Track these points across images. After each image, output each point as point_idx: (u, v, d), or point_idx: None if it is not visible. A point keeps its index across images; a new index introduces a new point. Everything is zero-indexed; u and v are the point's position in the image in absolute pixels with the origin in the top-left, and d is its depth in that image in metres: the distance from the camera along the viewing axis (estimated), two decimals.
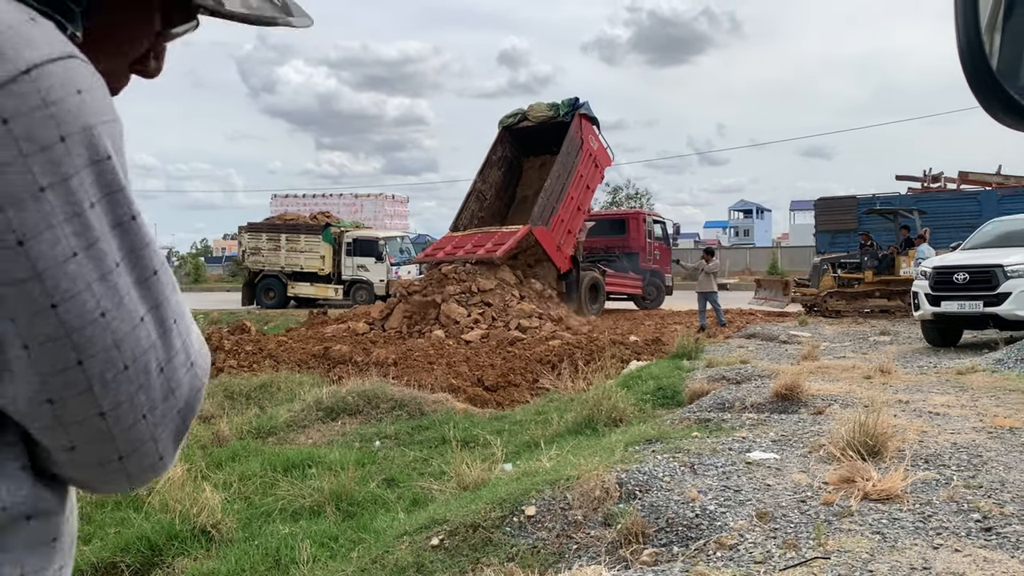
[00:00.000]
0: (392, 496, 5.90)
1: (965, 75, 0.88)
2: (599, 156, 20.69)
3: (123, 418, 0.71)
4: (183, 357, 0.75)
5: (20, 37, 0.63)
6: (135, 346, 0.70)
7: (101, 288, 0.68)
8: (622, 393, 7.92)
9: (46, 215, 0.64)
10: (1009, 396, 7.16)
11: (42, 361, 0.66)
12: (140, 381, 0.71)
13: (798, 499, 4.29)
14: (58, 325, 0.66)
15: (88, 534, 5.42)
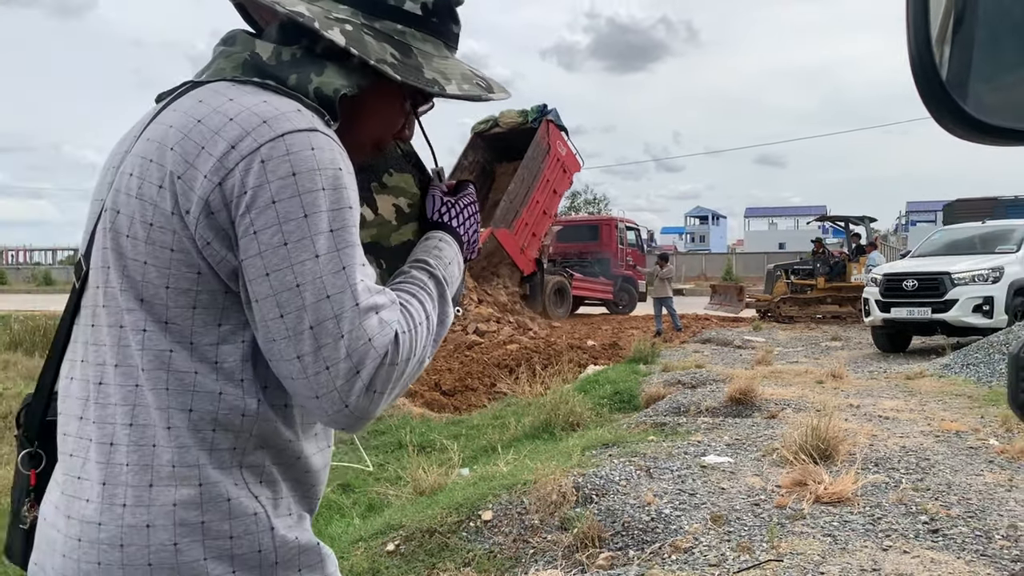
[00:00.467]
0: (347, 501, 5.85)
1: (916, 86, 0.89)
2: (567, 162, 20.85)
3: (309, 367, 0.95)
4: (357, 331, 0.96)
5: (286, 118, 0.99)
6: (305, 312, 0.95)
7: (293, 271, 0.95)
8: (579, 397, 7.95)
9: (269, 212, 0.96)
10: (955, 400, 7.34)
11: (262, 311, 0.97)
12: (323, 340, 0.95)
13: (752, 502, 4.34)
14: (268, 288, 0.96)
15: None
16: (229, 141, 0.97)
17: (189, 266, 0.99)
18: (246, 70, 1.06)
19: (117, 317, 1.02)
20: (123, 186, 1.04)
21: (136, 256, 1.01)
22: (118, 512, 0.98)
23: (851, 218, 19.86)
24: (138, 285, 1.01)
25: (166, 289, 1.00)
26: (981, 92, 0.88)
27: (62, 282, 49.14)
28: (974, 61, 0.88)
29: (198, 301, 1.00)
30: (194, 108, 1.02)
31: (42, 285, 46.15)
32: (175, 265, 0.99)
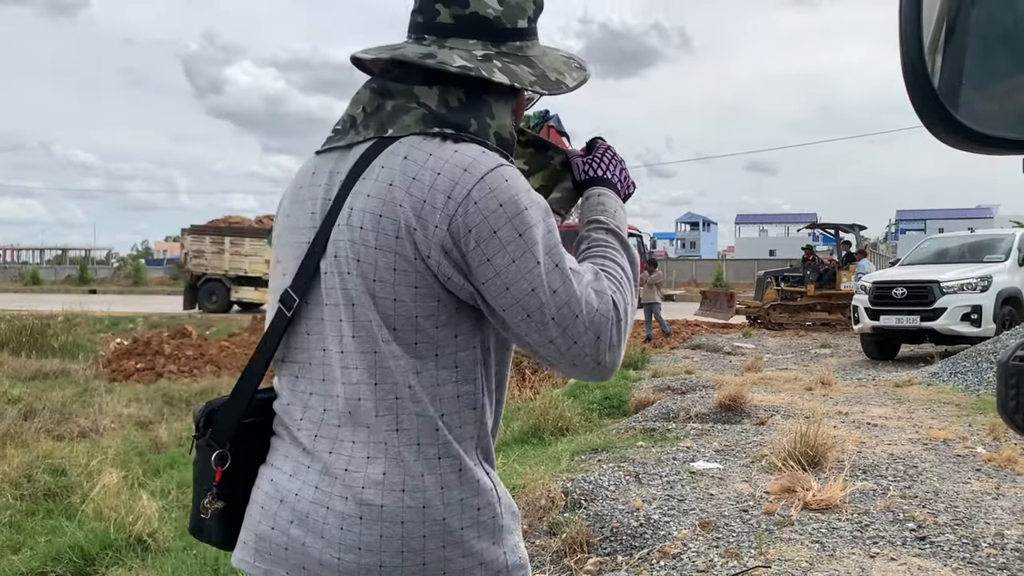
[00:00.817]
0: None
1: (908, 94, 0.90)
2: None
3: (561, 347, 1.22)
4: (586, 308, 1.22)
5: (479, 163, 1.21)
6: (546, 307, 1.20)
7: (527, 278, 1.20)
8: (569, 402, 7.95)
9: (494, 241, 1.19)
10: (943, 408, 7.37)
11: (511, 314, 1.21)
12: (564, 324, 1.21)
13: (740, 508, 4.34)
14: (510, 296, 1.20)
15: (17, 543, 5.24)
16: (444, 192, 1.20)
17: (432, 296, 1.22)
18: (428, 123, 1.26)
19: (371, 344, 1.24)
20: (357, 238, 1.24)
21: (386, 295, 1.23)
22: (398, 496, 1.22)
23: (841, 226, 19.95)
24: (390, 318, 1.24)
25: (416, 318, 1.23)
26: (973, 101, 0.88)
27: (49, 281, 48.90)
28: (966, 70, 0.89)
29: (439, 321, 1.24)
30: (405, 166, 1.23)
31: (30, 284, 45.87)
32: (420, 298, 1.22)
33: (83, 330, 16.73)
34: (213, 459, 1.33)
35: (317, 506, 1.26)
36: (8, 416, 8.70)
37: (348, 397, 1.26)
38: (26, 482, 6.26)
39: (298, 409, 1.32)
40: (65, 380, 11.44)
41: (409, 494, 1.23)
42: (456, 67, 1.24)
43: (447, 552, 1.23)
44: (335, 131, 1.38)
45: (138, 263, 57.68)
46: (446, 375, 1.25)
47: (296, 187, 1.40)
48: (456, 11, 1.30)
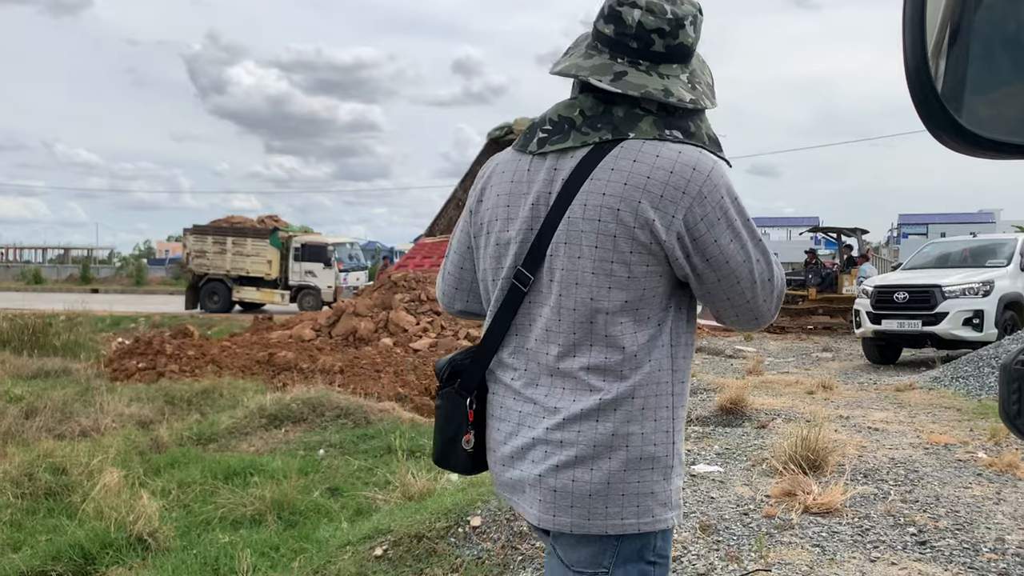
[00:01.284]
0: (336, 505, 5.82)
1: (912, 98, 0.90)
2: None
3: (760, 306, 1.59)
4: (775, 275, 1.58)
5: (702, 162, 1.49)
6: (754, 273, 1.54)
7: (741, 252, 1.52)
8: None
9: (720, 224, 1.49)
10: (944, 413, 7.36)
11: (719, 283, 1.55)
12: (767, 288, 1.57)
13: (741, 512, 4.34)
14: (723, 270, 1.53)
15: (18, 541, 5.24)
16: (679, 189, 1.46)
17: (657, 274, 1.51)
18: (659, 128, 1.51)
19: (589, 314, 1.52)
20: (593, 228, 1.49)
21: (619, 274, 1.49)
22: (593, 426, 1.51)
23: (843, 230, 19.94)
24: (614, 292, 1.50)
25: (639, 291, 1.51)
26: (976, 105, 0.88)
27: (51, 281, 48.94)
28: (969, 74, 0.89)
29: (655, 293, 1.53)
30: (636, 167, 1.48)
31: (32, 283, 45.91)
32: (647, 276, 1.50)
33: (85, 329, 16.74)
34: (468, 402, 1.66)
35: (526, 440, 1.58)
36: (9, 415, 8.71)
37: (563, 355, 1.55)
38: (27, 481, 6.26)
39: (520, 362, 1.62)
40: (66, 379, 11.46)
41: (602, 425, 1.51)
42: (689, 103, 1.53)
43: (627, 476, 1.51)
44: (545, 131, 1.60)
45: (140, 263, 57.68)
46: (650, 337, 1.53)
47: (510, 182, 1.63)
48: (669, 42, 1.53)
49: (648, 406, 1.53)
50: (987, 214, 59.19)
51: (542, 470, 1.54)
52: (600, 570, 1.53)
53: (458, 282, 1.79)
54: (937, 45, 0.90)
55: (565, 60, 1.62)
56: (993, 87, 0.90)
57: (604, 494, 1.51)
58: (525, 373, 1.61)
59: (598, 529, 1.51)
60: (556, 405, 1.54)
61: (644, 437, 1.52)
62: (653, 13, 1.51)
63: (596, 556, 1.53)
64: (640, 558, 1.54)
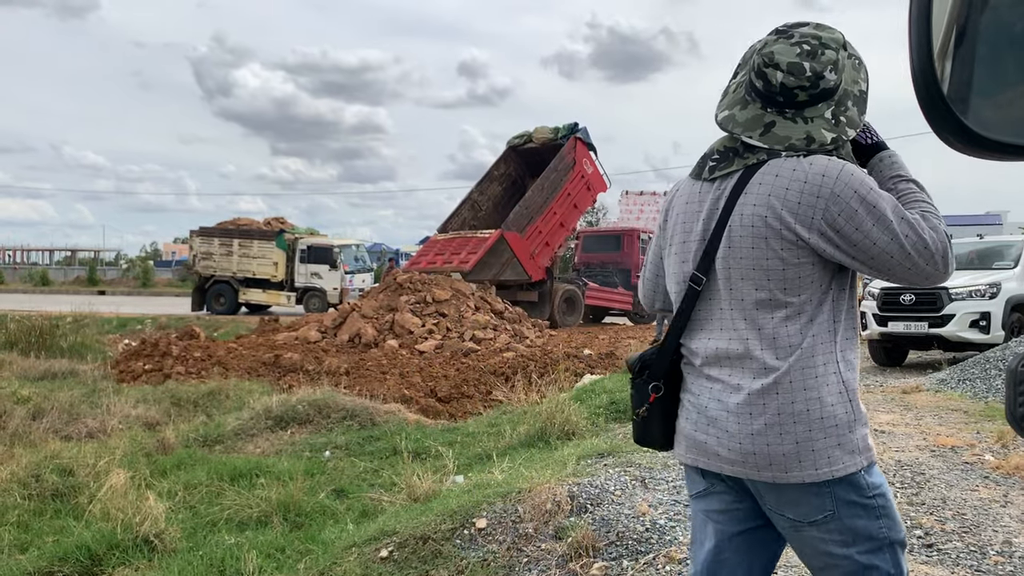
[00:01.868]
0: (341, 507, 5.83)
1: (918, 100, 0.90)
2: (593, 180, 21.49)
3: (924, 269, 1.82)
4: (928, 241, 1.80)
5: (832, 165, 1.81)
6: (905, 247, 1.78)
7: (887, 232, 1.77)
8: (575, 406, 7.94)
9: (859, 215, 1.77)
10: (951, 415, 7.34)
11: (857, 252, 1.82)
12: (922, 254, 1.79)
13: None
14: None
15: (25, 543, 5.26)
16: (813, 194, 1.79)
17: (808, 264, 1.83)
18: (810, 147, 1.83)
19: (752, 304, 1.86)
20: (748, 233, 1.84)
21: (773, 269, 1.83)
22: (774, 398, 1.83)
23: None
24: (771, 284, 1.84)
25: (793, 280, 1.83)
26: (982, 107, 0.88)
27: (58, 282, 49.08)
28: (975, 76, 0.89)
29: (807, 281, 1.83)
30: (777, 181, 1.82)
31: (39, 285, 46.06)
32: (802, 267, 1.83)
33: (91, 331, 16.80)
34: (650, 388, 2.01)
35: (719, 412, 1.90)
36: (17, 416, 8.74)
37: (738, 340, 1.88)
38: (34, 482, 6.28)
39: (703, 349, 1.95)
40: (73, 381, 11.49)
41: (782, 396, 1.82)
42: (830, 143, 1.84)
43: (813, 435, 1.81)
44: (714, 160, 1.95)
45: (147, 264, 57.84)
46: (811, 316, 1.84)
47: (686, 203, 2.01)
48: (811, 92, 1.83)
49: (819, 374, 1.83)
50: (994, 216, 58.94)
51: (739, 438, 1.86)
52: (826, 513, 1.84)
53: (654, 286, 2.20)
54: (943, 47, 0.90)
55: (723, 109, 1.96)
56: (999, 89, 0.90)
57: (796, 453, 1.81)
58: (708, 358, 1.94)
59: (795, 479, 1.82)
60: (739, 383, 1.88)
61: (821, 400, 1.82)
62: (794, 75, 1.82)
63: (817, 505, 1.84)
64: (860, 495, 1.84)
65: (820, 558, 1.90)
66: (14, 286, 46.65)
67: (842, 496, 1.83)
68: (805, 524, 1.86)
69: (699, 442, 1.94)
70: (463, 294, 17.04)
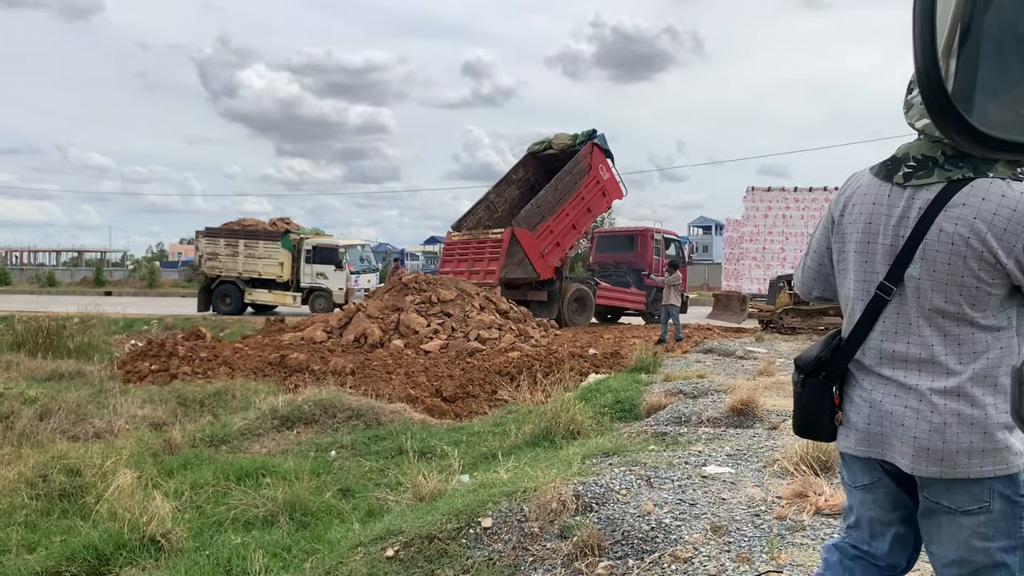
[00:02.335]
0: (347, 506, 5.84)
1: (923, 98, 0.90)
2: (608, 187, 21.78)
3: None
4: None
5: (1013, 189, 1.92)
6: None
7: None
8: (580, 406, 7.94)
9: None
10: None
11: None
12: None
13: (752, 513, 4.33)
14: None
15: (32, 543, 5.28)
16: (1020, 223, 1.88)
17: (1002, 285, 1.94)
18: (1011, 167, 1.91)
19: (940, 314, 1.98)
20: (949, 250, 1.93)
21: (970, 285, 1.93)
22: (952, 400, 1.97)
23: None
24: (961, 300, 1.95)
25: (987, 302, 1.95)
26: (986, 105, 0.89)
27: (65, 283, 49.22)
28: (980, 74, 0.89)
29: (999, 301, 1.97)
30: (984, 205, 1.90)
31: (46, 286, 46.20)
32: (993, 286, 1.94)
33: (98, 332, 16.84)
34: (833, 389, 2.16)
35: (897, 408, 2.03)
36: (24, 416, 8.77)
37: (921, 345, 2.01)
38: (41, 482, 6.31)
39: (877, 350, 2.08)
40: (80, 381, 11.53)
41: (962, 399, 1.95)
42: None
43: (986, 438, 1.95)
44: (910, 167, 2.01)
45: (153, 265, 57.96)
46: (996, 329, 1.97)
47: (872, 204, 2.09)
48: None
49: (998, 384, 1.95)
50: None
51: (915, 433, 1.99)
52: (982, 504, 1.97)
53: (816, 275, 2.32)
54: (947, 45, 0.90)
55: (917, 114, 1.98)
56: (1003, 87, 0.90)
57: (967, 451, 1.95)
58: (883, 358, 2.07)
59: (961, 474, 1.96)
60: (916, 383, 2.01)
61: (996, 407, 1.94)
62: None
63: (975, 496, 1.97)
64: (1015, 492, 1.97)
65: (958, 549, 2.02)
66: (21, 287, 46.81)
67: (1000, 491, 1.97)
68: (958, 513, 2.00)
69: (873, 435, 2.08)
70: (468, 294, 17.06)
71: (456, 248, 21.74)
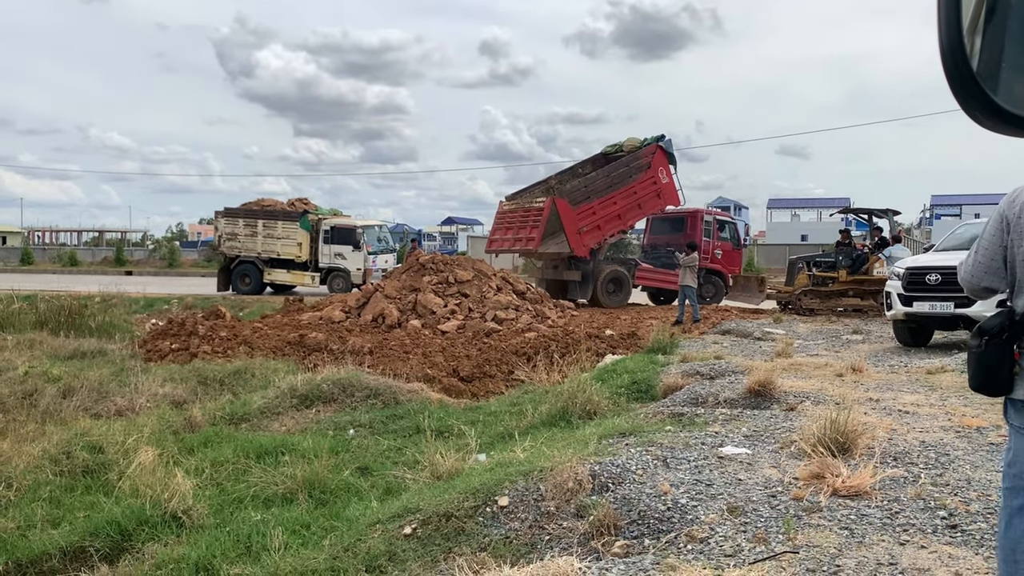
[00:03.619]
0: (365, 484, 5.90)
1: (946, 76, 0.89)
2: (665, 190, 22.16)
3: None
4: None
5: None
6: None
7: None
8: (597, 386, 7.95)
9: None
10: (976, 396, 7.24)
11: None
12: None
13: (768, 494, 4.33)
14: None
15: (57, 518, 5.37)
16: None
17: None
18: None
19: None
20: None
21: None
22: None
23: (874, 211, 19.66)
24: None
25: None
26: (1012, 83, 0.87)
27: (87, 263, 49.65)
28: (1006, 52, 0.87)
29: None
30: None
31: (67, 265, 46.65)
32: None
33: (119, 311, 17.02)
34: (1015, 346, 2.48)
35: None
36: (48, 394, 8.90)
37: None
38: (65, 459, 6.40)
39: None
40: (102, 359, 11.66)
41: None
42: None
43: None
44: None
45: (173, 245, 58.33)
46: None
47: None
48: None
49: None
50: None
51: None
52: None
53: (987, 268, 2.61)
54: (973, 23, 0.88)
55: None
56: None
57: None
58: None
59: None
60: None
61: None
62: None
63: None
64: None
65: None
66: (43, 266, 47.27)
67: None
68: None
69: None
70: (485, 275, 17.07)
71: (505, 217, 22.46)
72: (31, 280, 28.24)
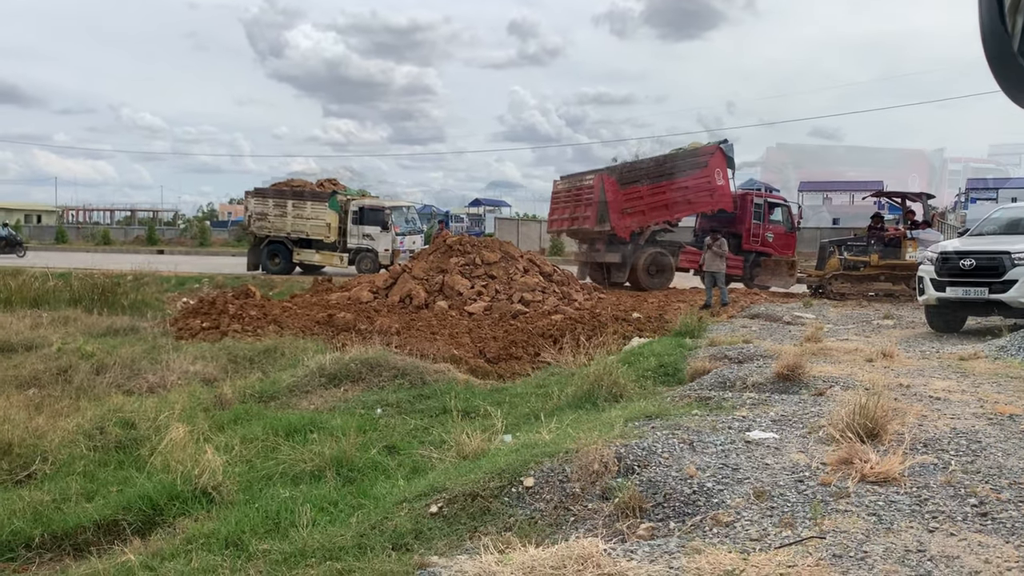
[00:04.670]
0: (392, 463, 5.95)
1: (986, 56, 0.87)
2: (718, 191, 22.08)
3: None
4: None
5: None
6: None
7: None
8: (623, 369, 7.94)
9: None
10: (1011, 383, 7.16)
11: None
12: None
13: (796, 479, 4.31)
14: None
15: (91, 492, 5.48)
16: None
17: None
18: None
19: None
20: None
21: None
22: None
23: (908, 194, 19.37)
24: None
25: None
26: None
27: (119, 242, 50.34)
28: None
29: None
30: None
31: (100, 244, 47.31)
32: None
33: (151, 289, 17.24)
34: None
35: None
36: (82, 371, 9.06)
37: None
38: (99, 434, 6.52)
39: None
40: (134, 337, 11.84)
41: None
42: None
43: None
44: None
45: (203, 224, 58.95)
46: None
47: None
48: None
49: None
50: None
51: None
52: None
53: None
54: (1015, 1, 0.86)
55: None
56: None
57: None
58: None
59: None
60: None
61: None
62: None
63: None
64: None
65: None
66: (77, 245, 47.98)
67: None
68: None
69: None
70: (512, 256, 17.07)
71: (561, 196, 22.94)
72: (65, 258, 28.69)
